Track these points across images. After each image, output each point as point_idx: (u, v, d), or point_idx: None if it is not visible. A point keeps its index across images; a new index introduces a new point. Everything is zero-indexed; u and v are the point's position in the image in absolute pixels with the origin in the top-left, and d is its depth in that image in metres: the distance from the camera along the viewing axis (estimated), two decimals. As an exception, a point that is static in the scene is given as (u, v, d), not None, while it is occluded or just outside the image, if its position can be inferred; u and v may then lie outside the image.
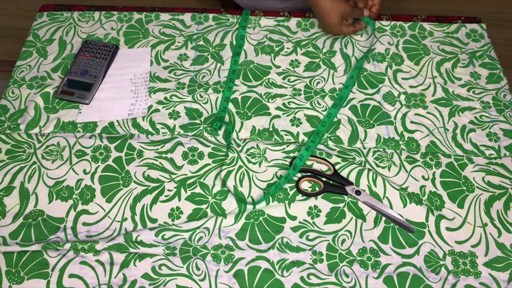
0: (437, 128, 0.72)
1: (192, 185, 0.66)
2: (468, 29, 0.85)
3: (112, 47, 0.81)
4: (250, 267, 0.60)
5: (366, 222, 0.63)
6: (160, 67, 0.80)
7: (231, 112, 0.74)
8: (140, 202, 0.65)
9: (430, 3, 1.65)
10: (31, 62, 0.80)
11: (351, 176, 0.67)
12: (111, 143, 0.70)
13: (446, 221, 0.63)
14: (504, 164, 0.69)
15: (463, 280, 0.59)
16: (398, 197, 0.65)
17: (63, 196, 0.65)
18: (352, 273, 0.59)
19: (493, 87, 0.78)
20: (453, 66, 0.80)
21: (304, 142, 0.71)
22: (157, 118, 0.73)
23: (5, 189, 0.66)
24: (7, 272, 0.59)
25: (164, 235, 0.62)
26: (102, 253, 0.60)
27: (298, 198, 0.65)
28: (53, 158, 0.69)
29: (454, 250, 0.61)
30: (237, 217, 0.63)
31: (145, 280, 0.59)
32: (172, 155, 0.69)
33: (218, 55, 0.82)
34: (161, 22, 0.86)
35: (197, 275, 0.59)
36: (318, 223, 0.63)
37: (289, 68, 0.80)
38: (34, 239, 0.62)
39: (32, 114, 0.73)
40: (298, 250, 0.61)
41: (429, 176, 0.67)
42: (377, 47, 0.83)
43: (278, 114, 0.74)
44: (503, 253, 0.61)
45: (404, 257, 0.61)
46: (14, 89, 0.77)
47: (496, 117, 0.74)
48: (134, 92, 0.77)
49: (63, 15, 0.87)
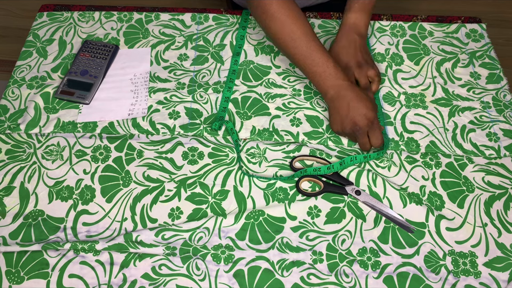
0: (436, 128, 0.72)
1: (192, 185, 0.66)
2: (468, 29, 0.85)
3: (112, 47, 0.81)
4: (250, 267, 0.60)
5: (366, 222, 0.63)
6: (160, 67, 0.80)
7: (231, 112, 0.74)
8: (140, 202, 0.65)
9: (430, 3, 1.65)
10: (31, 62, 0.80)
11: (351, 176, 0.67)
12: (111, 143, 0.70)
13: (446, 221, 0.63)
14: (504, 164, 0.69)
15: (463, 280, 0.59)
16: (398, 197, 0.65)
17: (63, 196, 0.65)
18: (352, 273, 0.59)
19: (493, 87, 0.78)
20: (453, 66, 0.80)
21: (304, 142, 0.71)
22: (157, 118, 0.73)
23: (5, 189, 0.66)
24: (7, 272, 0.59)
25: (164, 235, 0.62)
26: (102, 253, 0.60)
27: (298, 198, 0.65)
28: (53, 158, 0.69)
29: (454, 250, 0.61)
30: (237, 217, 0.63)
31: (145, 280, 0.59)
32: (172, 155, 0.69)
33: (218, 55, 0.82)
34: (161, 22, 0.86)
35: (197, 275, 0.59)
36: (318, 223, 0.63)
37: (289, 68, 0.80)
38: (34, 239, 0.62)
39: (32, 114, 0.73)
40: (298, 250, 0.61)
41: (429, 176, 0.67)
42: (377, 47, 0.83)
43: (278, 114, 0.74)
44: (503, 253, 0.61)
45: (403, 257, 0.61)
46: (14, 89, 0.77)
47: (496, 117, 0.74)
48: (134, 91, 0.77)
49: (63, 15, 0.87)
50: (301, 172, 0.66)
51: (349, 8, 0.77)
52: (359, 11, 0.76)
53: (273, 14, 0.69)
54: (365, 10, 0.77)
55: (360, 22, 0.76)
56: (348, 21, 0.77)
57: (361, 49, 0.76)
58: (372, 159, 0.68)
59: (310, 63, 0.69)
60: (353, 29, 0.76)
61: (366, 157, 0.68)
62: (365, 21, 0.77)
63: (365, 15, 0.77)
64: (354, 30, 0.76)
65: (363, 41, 0.77)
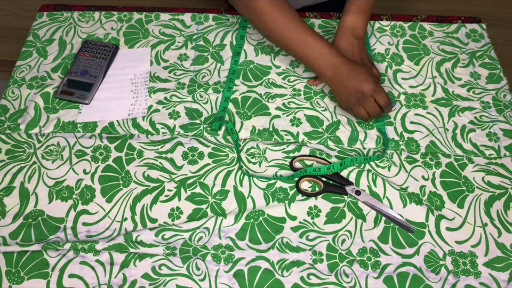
0: (436, 128, 0.72)
1: (192, 185, 0.66)
2: (468, 29, 0.85)
3: (112, 47, 0.81)
4: (250, 267, 0.60)
5: (366, 222, 0.63)
6: (160, 67, 0.80)
7: (231, 112, 0.74)
8: (140, 202, 0.65)
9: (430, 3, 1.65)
10: (31, 62, 0.80)
11: (351, 176, 0.67)
12: (111, 143, 0.70)
13: (446, 221, 0.63)
14: (504, 164, 0.69)
15: (463, 280, 0.59)
16: (398, 197, 0.65)
17: (63, 196, 0.65)
18: (352, 273, 0.59)
19: (493, 87, 0.78)
20: (453, 66, 0.80)
21: (304, 142, 0.71)
22: (157, 118, 0.73)
23: (5, 189, 0.66)
24: (7, 272, 0.59)
25: (164, 235, 0.62)
26: (102, 253, 0.60)
27: (298, 198, 0.65)
28: (53, 158, 0.69)
29: (454, 250, 0.61)
30: (237, 217, 0.63)
31: (145, 280, 0.59)
32: (171, 155, 0.69)
33: (218, 55, 0.82)
34: (161, 22, 0.86)
35: (197, 275, 0.59)
36: (318, 223, 0.63)
37: (289, 68, 0.80)
38: (34, 239, 0.62)
39: (32, 114, 0.73)
40: (298, 250, 0.61)
41: (429, 176, 0.67)
42: (377, 47, 0.83)
43: (278, 114, 0.74)
44: (503, 253, 0.61)
45: (403, 257, 0.61)
46: (14, 89, 0.77)
47: (496, 117, 0.74)
48: (134, 91, 0.77)
49: (63, 15, 0.87)
50: (301, 171, 0.66)
51: (347, 10, 0.77)
52: (357, 13, 0.76)
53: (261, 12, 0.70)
54: (362, 13, 0.76)
55: (357, 25, 0.76)
56: (345, 23, 0.76)
57: (360, 51, 0.76)
58: (372, 160, 0.68)
59: (303, 48, 0.69)
60: (351, 31, 0.76)
61: (367, 158, 0.68)
62: (362, 23, 0.77)
63: (363, 17, 0.76)
64: (351, 33, 0.76)
65: (361, 43, 0.77)
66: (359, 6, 0.76)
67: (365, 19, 0.77)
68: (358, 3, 0.76)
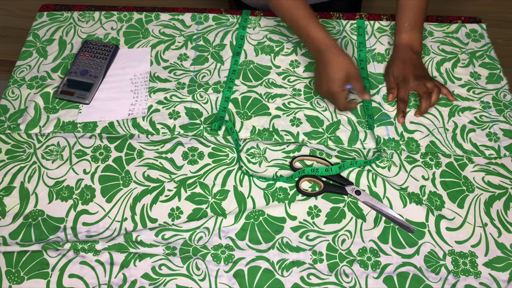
0: (436, 128, 0.72)
1: (192, 185, 0.66)
2: (468, 29, 0.85)
3: (112, 47, 0.81)
4: (250, 267, 0.60)
5: (366, 222, 0.63)
6: (160, 67, 0.80)
7: (231, 112, 0.74)
8: (140, 202, 0.65)
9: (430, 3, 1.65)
10: (31, 62, 0.80)
11: (351, 176, 0.67)
12: (111, 143, 0.70)
13: (446, 221, 0.63)
14: (504, 164, 0.69)
15: (463, 280, 0.59)
16: (398, 197, 0.65)
17: (63, 196, 0.65)
18: (352, 273, 0.59)
19: (493, 87, 0.78)
20: (453, 66, 0.80)
21: (304, 142, 0.71)
22: (157, 118, 0.73)
23: (5, 189, 0.66)
24: (7, 272, 0.59)
25: (164, 235, 0.62)
26: (102, 253, 0.60)
27: (298, 198, 0.65)
28: (53, 158, 0.69)
29: (454, 250, 0.61)
30: (237, 217, 0.63)
31: (145, 280, 0.59)
32: (171, 155, 0.69)
33: (218, 55, 0.82)
34: (161, 22, 0.86)
35: (197, 275, 0.59)
36: (318, 223, 0.63)
37: (289, 68, 0.80)
38: (34, 239, 0.62)
39: (32, 114, 0.73)
40: (298, 250, 0.61)
41: (429, 176, 0.67)
42: (377, 47, 0.83)
43: (278, 114, 0.74)
44: (503, 253, 0.61)
45: (403, 257, 0.61)
46: (14, 89, 0.77)
47: (496, 117, 0.74)
48: (134, 92, 0.77)
49: (63, 15, 0.87)
50: (299, 172, 0.66)
51: (400, 29, 0.78)
52: (411, 31, 0.77)
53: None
54: (416, 29, 0.78)
55: (414, 41, 0.78)
56: (402, 41, 0.78)
57: (419, 65, 0.77)
58: (372, 162, 0.68)
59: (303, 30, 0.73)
60: (408, 48, 0.77)
61: (367, 161, 0.68)
62: (418, 39, 0.78)
63: (417, 33, 0.78)
64: (409, 48, 0.77)
65: (419, 57, 0.78)
66: (412, 23, 0.77)
67: (419, 34, 0.78)
68: (411, 20, 0.77)
